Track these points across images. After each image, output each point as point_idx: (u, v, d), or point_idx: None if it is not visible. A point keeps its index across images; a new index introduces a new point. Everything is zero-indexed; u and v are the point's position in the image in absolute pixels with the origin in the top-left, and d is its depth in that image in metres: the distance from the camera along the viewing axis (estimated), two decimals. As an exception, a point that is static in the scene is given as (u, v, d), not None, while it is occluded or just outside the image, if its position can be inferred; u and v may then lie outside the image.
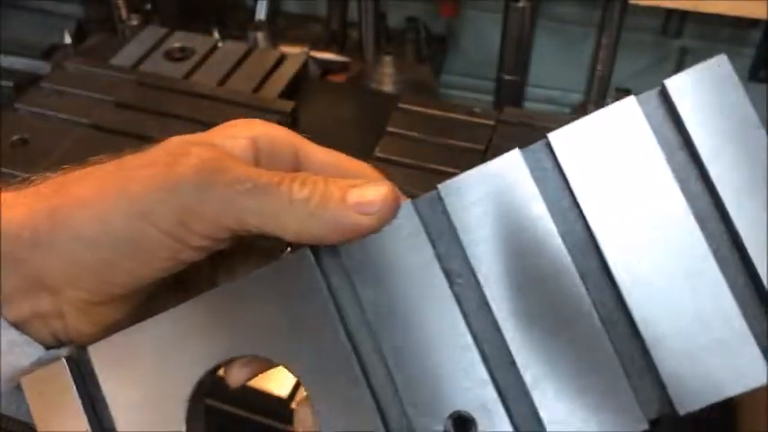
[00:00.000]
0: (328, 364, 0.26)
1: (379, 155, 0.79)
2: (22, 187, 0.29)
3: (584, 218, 0.25)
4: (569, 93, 1.23)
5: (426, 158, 0.77)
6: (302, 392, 0.57)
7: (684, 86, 0.24)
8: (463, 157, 0.78)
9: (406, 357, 0.26)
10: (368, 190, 0.26)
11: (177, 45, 0.96)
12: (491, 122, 0.82)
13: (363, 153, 0.83)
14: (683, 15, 1.06)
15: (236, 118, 0.86)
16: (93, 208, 0.26)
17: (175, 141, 0.28)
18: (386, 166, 0.77)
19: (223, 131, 0.29)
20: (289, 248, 0.30)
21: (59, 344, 0.30)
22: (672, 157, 0.24)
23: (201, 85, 0.89)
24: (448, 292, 0.26)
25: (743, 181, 0.23)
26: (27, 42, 1.14)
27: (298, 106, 0.86)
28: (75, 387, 0.28)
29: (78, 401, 0.28)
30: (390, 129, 0.82)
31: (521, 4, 1.02)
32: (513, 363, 0.25)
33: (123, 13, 1.09)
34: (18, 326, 0.28)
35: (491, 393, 0.25)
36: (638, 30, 1.11)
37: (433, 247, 0.26)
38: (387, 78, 1.08)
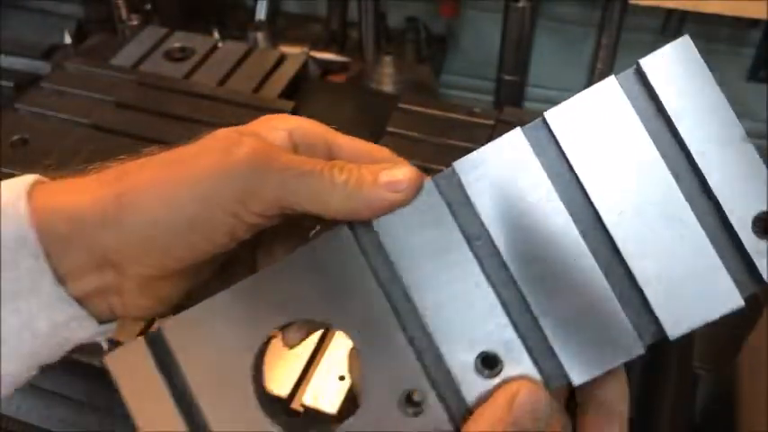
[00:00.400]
0: (370, 319, 0.31)
1: (379, 155, 0.79)
2: (80, 175, 0.32)
3: (579, 182, 0.29)
4: (569, 93, 1.22)
5: (426, 158, 0.77)
6: (303, 391, 0.57)
7: (656, 64, 0.29)
8: (463, 156, 0.78)
9: (437, 308, 0.30)
10: (396, 171, 0.30)
11: (177, 45, 0.96)
12: (491, 122, 0.82)
13: (363, 153, 0.83)
14: (683, 15, 1.06)
15: (236, 118, 0.87)
16: (159, 191, 0.30)
17: (224, 132, 0.31)
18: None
19: (263, 124, 0.33)
20: (317, 227, 0.35)
21: (112, 319, 0.33)
22: (648, 124, 0.29)
23: (201, 85, 0.89)
24: (469, 253, 0.30)
25: (708, 137, 0.28)
26: (27, 42, 1.14)
27: (298, 106, 0.87)
28: (155, 363, 0.32)
29: (160, 376, 0.32)
30: (390, 129, 0.82)
31: (521, 4, 1.03)
32: (529, 308, 0.29)
33: (123, 13, 1.09)
34: (80, 301, 0.31)
35: (512, 335, 0.30)
36: (637, 30, 1.12)
37: (453, 215, 0.30)
38: (387, 78, 1.08)
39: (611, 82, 0.30)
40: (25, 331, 0.30)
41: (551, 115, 0.30)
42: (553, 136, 0.30)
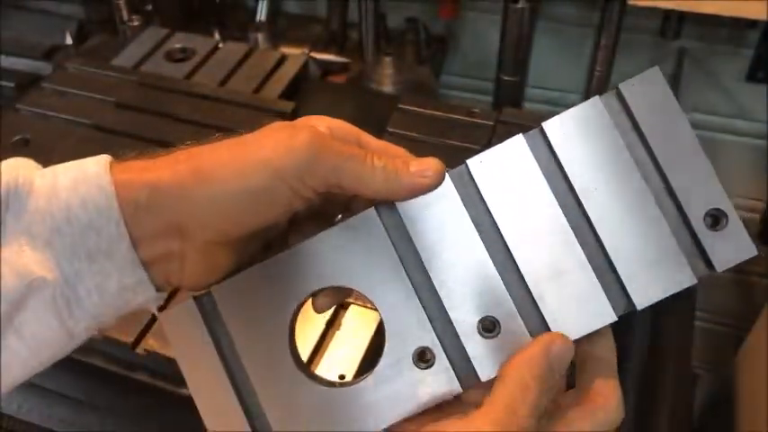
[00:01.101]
0: (391, 287, 0.37)
1: (379, 155, 0.79)
2: (153, 157, 0.37)
3: (569, 182, 0.36)
4: (568, 93, 1.23)
5: (426, 159, 0.78)
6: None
7: (632, 89, 0.35)
8: (463, 157, 0.78)
9: (447, 280, 0.36)
10: (423, 161, 0.37)
11: (178, 46, 0.97)
12: (490, 123, 0.82)
13: (363, 153, 0.83)
14: (682, 16, 1.06)
15: (237, 118, 0.87)
16: (232, 166, 0.35)
17: (281, 123, 0.37)
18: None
19: (308, 122, 0.38)
20: (340, 216, 0.40)
21: (165, 288, 0.37)
22: (625, 136, 0.35)
23: (202, 85, 0.89)
24: (476, 236, 0.36)
25: (672, 148, 0.35)
26: (28, 43, 1.14)
27: (298, 107, 0.87)
28: (203, 322, 0.37)
29: (207, 334, 0.37)
30: (390, 129, 0.83)
31: (520, 5, 1.03)
32: (524, 282, 0.36)
33: (124, 14, 1.10)
34: (145, 266, 0.35)
35: (509, 303, 0.36)
36: (636, 31, 1.12)
37: (464, 204, 0.36)
38: (386, 79, 1.08)
39: (595, 101, 0.36)
40: (96, 292, 0.35)
41: (549, 125, 0.36)
42: (549, 143, 0.36)
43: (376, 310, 0.37)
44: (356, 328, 0.65)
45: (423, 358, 0.36)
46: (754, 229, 1.19)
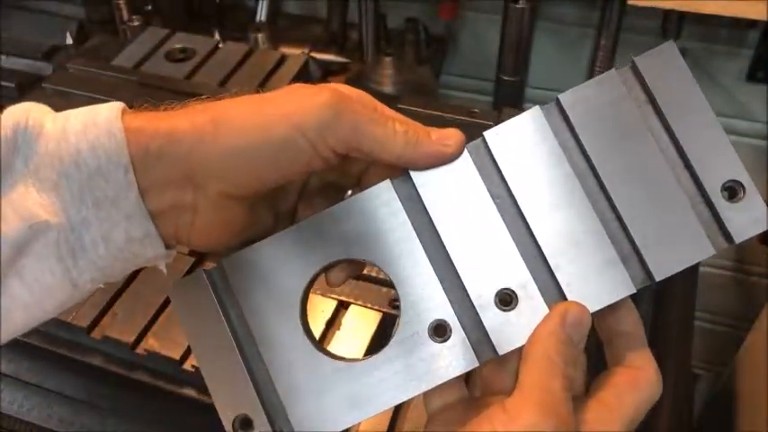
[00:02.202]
0: (406, 260, 0.36)
1: (379, 155, 0.79)
2: (167, 108, 0.36)
3: (587, 155, 0.35)
4: (568, 93, 1.23)
5: (426, 159, 0.78)
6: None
7: (647, 62, 0.36)
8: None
9: (464, 251, 0.36)
10: (444, 130, 0.37)
11: (178, 46, 0.97)
12: (490, 123, 0.83)
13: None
14: (682, 17, 1.06)
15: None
16: (253, 117, 0.34)
17: (301, 84, 0.37)
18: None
19: (330, 84, 0.37)
20: (350, 192, 0.40)
21: (172, 246, 0.37)
22: (641, 109, 0.35)
23: (202, 85, 0.89)
24: (493, 207, 0.36)
25: (688, 121, 0.34)
26: (29, 43, 1.14)
27: (298, 107, 0.87)
28: (213, 294, 0.37)
29: (218, 306, 0.37)
30: (390, 129, 0.83)
31: (520, 5, 1.03)
32: (542, 253, 0.35)
33: (125, 14, 1.10)
34: (154, 217, 0.35)
35: (527, 275, 0.35)
36: (636, 31, 1.12)
37: (481, 176, 0.36)
38: (386, 79, 1.08)
39: (611, 74, 0.36)
40: (101, 242, 0.34)
41: (565, 98, 0.36)
42: (566, 116, 0.36)
43: (391, 285, 0.37)
44: (356, 328, 0.65)
45: (438, 332, 0.35)
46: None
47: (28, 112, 0.34)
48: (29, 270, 0.33)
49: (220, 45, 0.98)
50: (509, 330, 0.35)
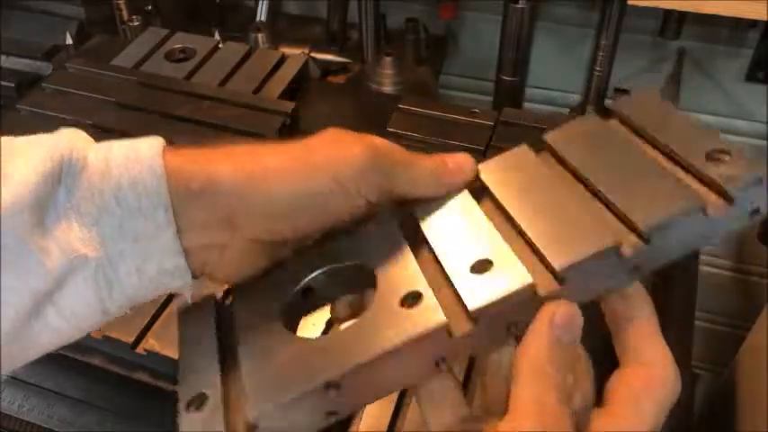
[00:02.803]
0: (385, 245, 0.37)
1: (379, 155, 0.79)
2: (207, 147, 0.37)
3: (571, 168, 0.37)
4: (568, 93, 1.23)
5: (426, 159, 0.78)
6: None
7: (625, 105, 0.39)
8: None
9: (442, 234, 0.36)
10: (455, 156, 0.39)
11: (178, 46, 0.97)
12: (490, 123, 0.83)
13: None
14: (681, 17, 1.06)
15: (237, 118, 0.86)
16: (295, 168, 0.36)
17: (334, 131, 0.38)
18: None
19: (359, 135, 0.39)
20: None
21: (197, 276, 0.38)
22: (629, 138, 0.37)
23: (202, 85, 0.89)
24: (477, 207, 0.37)
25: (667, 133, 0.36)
26: (29, 43, 1.14)
27: (298, 107, 0.87)
28: (214, 321, 0.38)
29: (215, 334, 0.37)
30: (390, 129, 0.83)
31: (520, 5, 1.03)
32: (518, 227, 0.35)
33: (125, 14, 1.10)
34: (185, 252, 0.36)
35: (503, 244, 0.34)
36: (636, 31, 1.12)
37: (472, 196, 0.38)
38: (387, 79, 1.08)
39: (590, 115, 0.39)
40: (135, 274, 0.35)
41: (551, 137, 0.38)
42: (554, 152, 0.38)
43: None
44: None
45: (408, 299, 0.34)
46: (754, 229, 1.19)
47: (72, 143, 0.35)
48: (65, 300, 0.34)
49: (220, 45, 0.98)
50: (482, 289, 0.32)
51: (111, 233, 0.34)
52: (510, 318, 0.33)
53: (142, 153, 0.35)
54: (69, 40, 1.10)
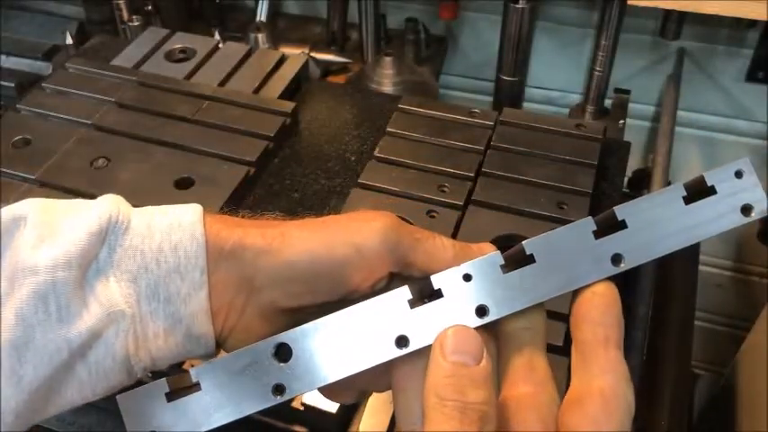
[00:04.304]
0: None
1: (379, 155, 0.79)
2: (239, 216, 0.40)
3: None
4: (568, 93, 1.24)
5: (426, 159, 0.78)
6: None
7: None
8: (463, 157, 0.78)
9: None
10: (482, 245, 0.39)
11: (178, 46, 0.97)
12: (490, 123, 0.83)
13: (363, 153, 0.83)
14: (681, 17, 1.06)
15: (237, 118, 0.87)
16: (319, 237, 0.37)
17: (360, 211, 0.39)
18: (386, 166, 0.78)
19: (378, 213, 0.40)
20: None
21: (219, 343, 0.38)
22: None
23: (202, 85, 0.89)
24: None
25: None
26: (29, 43, 1.14)
27: (298, 107, 0.87)
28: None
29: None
30: (390, 129, 0.83)
31: (520, 5, 1.03)
32: None
33: (124, 14, 1.10)
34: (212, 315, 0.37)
35: None
36: (636, 31, 1.12)
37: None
38: (386, 79, 1.08)
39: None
40: (162, 335, 0.36)
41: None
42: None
43: None
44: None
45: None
46: (754, 229, 1.19)
47: (118, 206, 0.37)
48: (93, 352, 0.35)
49: (220, 45, 0.98)
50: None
51: (146, 291, 0.36)
52: None
53: (184, 220, 0.37)
54: (69, 40, 1.10)
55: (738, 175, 0.32)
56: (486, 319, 0.33)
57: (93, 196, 0.39)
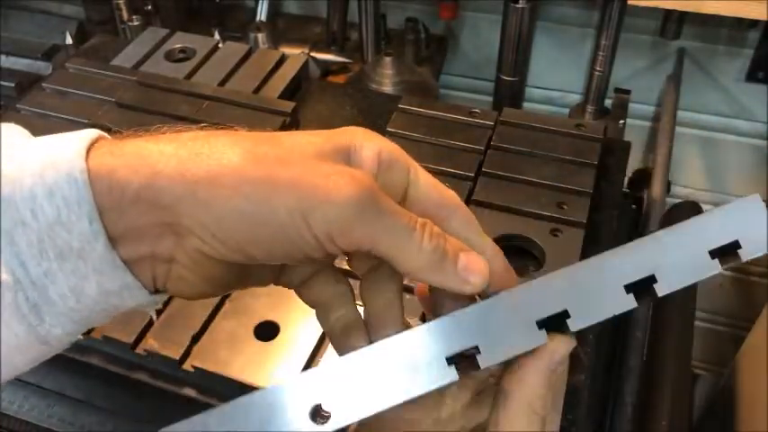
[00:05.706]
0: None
1: (379, 155, 0.79)
2: (154, 134, 0.33)
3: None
4: (568, 93, 1.23)
5: (426, 158, 0.77)
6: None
7: None
8: (463, 157, 0.78)
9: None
10: (473, 259, 0.32)
11: (178, 46, 0.96)
12: (490, 123, 0.82)
13: (363, 153, 0.83)
14: (682, 17, 1.06)
15: (236, 118, 0.87)
16: (258, 188, 0.29)
17: (329, 148, 0.32)
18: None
19: (356, 137, 0.33)
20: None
21: (154, 290, 0.33)
22: None
23: (202, 85, 0.89)
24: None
25: None
26: (29, 43, 1.14)
27: (298, 107, 0.87)
28: None
29: None
30: (390, 129, 0.83)
31: (520, 5, 1.03)
32: None
33: (124, 14, 1.10)
34: (129, 265, 0.31)
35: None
36: (636, 31, 1.12)
37: None
38: (387, 79, 1.08)
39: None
40: (71, 295, 0.30)
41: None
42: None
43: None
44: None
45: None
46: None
47: None
48: None
49: (220, 45, 0.98)
50: None
51: (29, 250, 0.29)
52: None
53: (60, 156, 0.29)
54: (69, 40, 1.10)
55: None
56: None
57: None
